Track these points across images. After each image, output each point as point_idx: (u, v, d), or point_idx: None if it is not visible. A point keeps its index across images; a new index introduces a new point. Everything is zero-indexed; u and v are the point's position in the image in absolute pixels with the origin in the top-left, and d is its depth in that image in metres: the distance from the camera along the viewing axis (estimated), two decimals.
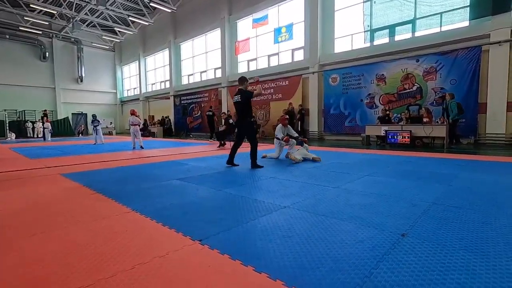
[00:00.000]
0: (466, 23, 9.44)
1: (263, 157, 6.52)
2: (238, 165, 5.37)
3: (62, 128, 22.73)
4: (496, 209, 2.56)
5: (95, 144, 12.12)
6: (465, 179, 3.89)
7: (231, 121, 10.17)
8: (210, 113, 13.54)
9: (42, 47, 23.87)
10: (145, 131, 18.82)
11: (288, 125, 6.72)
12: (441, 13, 9.90)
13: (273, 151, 6.73)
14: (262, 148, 8.29)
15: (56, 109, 24.71)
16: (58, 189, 3.74)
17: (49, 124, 16.90)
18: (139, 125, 10.13)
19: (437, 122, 8.75)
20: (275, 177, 4.32)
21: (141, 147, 9.84)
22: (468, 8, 9.28)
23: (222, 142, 10.05)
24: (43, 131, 16.63)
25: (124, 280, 1.49)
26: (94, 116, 13.23)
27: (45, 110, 19.83)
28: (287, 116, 7.19)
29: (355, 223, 2.28)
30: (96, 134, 12.61)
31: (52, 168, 5.56)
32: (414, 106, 10.07)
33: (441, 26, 9.96)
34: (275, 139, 6.63)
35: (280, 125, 6.62)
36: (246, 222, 2.34)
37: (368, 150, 7.97)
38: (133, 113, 10.12)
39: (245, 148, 5.91)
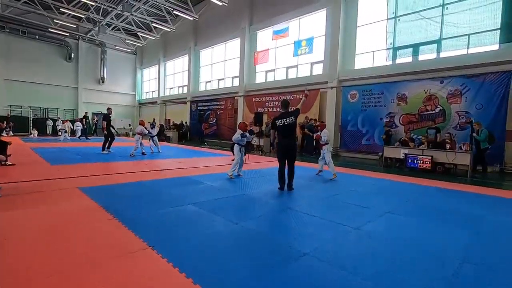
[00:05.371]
0: (495, 46, 9.08)
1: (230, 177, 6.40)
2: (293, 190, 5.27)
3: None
4: None
5: (152, 153, 11.11)
6: (495, 223, 3.68)
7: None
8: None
9: (69, 48, 24.80)
10: (161, 135, 19.03)
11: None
12: (468, 35, 9.57)
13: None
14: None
15: (77, 108, 25.52)
16: (75, 209, 3.76)
17: (80, 123, 18.53)
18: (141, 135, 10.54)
19: (460, 147, 8.41)
20: (291, 207, 4.22)
21: (143, 153, 10.38)
22: (499, 31, 8.93)
23: None
24: (75, 130, 18.37)
25: None
26: (153, 124, 12.09)
27: (86, 113, 20.71)
28: (246, 122, 7.19)
29: (377, 283, 2.15)
30: (154, 143, 11.49)
31: (70, 179, 5.66)
32: (432, 130, 9.70)
33: (468, 48, 9.62)
34: (236, 145, 6.68)
35: (239, 130, 6.64)
36: (265, 272, 2.25)
37: (386, 175, 7.72)
38: (141, 123, 10.80)
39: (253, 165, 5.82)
